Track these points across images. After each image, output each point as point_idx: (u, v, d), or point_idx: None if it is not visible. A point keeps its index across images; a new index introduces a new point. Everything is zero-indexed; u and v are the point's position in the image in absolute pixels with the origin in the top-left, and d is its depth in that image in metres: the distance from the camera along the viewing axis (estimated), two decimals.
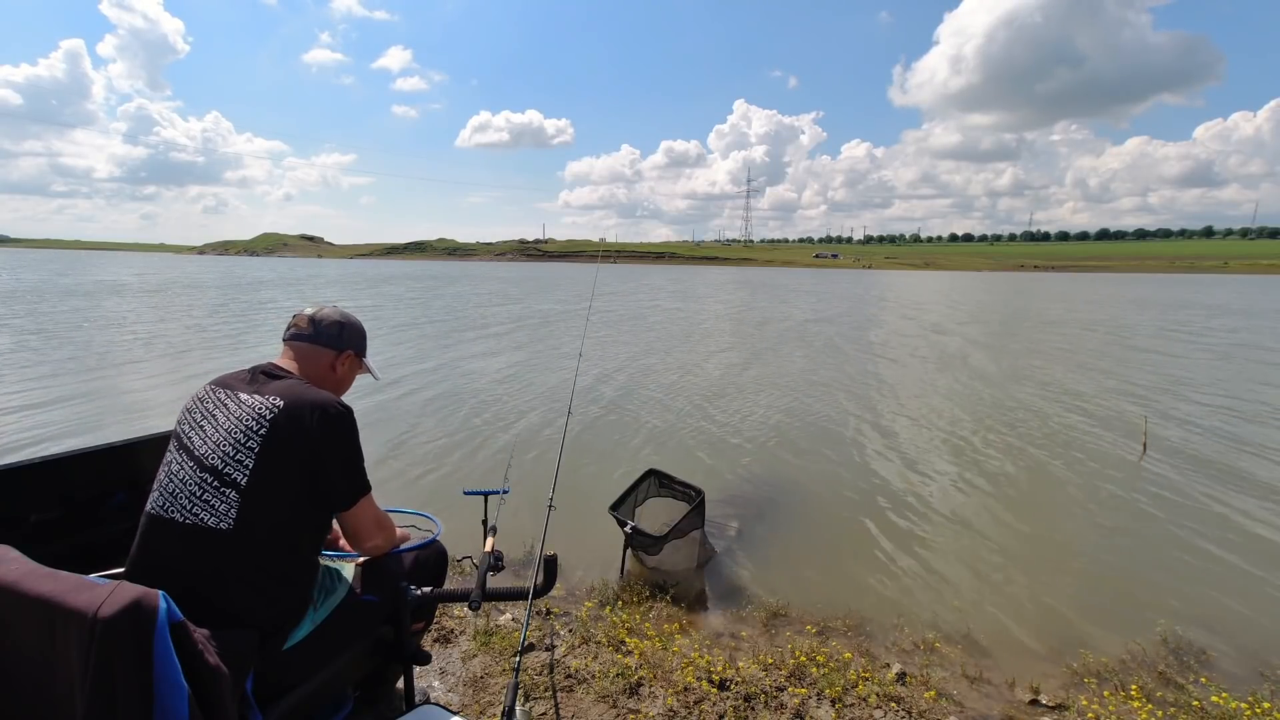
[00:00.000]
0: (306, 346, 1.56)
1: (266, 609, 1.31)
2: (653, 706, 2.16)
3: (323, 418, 1.35)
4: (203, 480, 1.29)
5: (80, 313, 15.92)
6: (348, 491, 1.42)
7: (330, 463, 1.36)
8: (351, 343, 1.63)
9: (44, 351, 9.87)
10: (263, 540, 1.29)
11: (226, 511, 1.27)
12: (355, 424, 1.42)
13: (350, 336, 1.63)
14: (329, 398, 1.40)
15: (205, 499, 1.28)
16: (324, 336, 1.58)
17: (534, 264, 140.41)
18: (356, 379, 1.72)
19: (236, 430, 1.32)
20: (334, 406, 1.38)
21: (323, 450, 1.34)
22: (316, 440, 1.33)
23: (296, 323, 1.59)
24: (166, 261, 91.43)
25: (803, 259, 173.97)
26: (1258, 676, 2.54)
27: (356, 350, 1.65)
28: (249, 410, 1.34)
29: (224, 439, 1.32)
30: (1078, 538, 3.90)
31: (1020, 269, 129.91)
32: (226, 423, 1.34)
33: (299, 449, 1.32)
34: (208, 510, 1.27)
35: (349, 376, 1.67)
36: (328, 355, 1.58)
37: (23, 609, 1.00)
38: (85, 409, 6.49)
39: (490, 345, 12.01)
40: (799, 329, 16.07)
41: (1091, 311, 23.06)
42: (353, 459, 1.41)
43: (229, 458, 1.30)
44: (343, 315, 1.64)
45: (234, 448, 1.30)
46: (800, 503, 4.43)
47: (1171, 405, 7.52)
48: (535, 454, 5.34)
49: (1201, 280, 70.79)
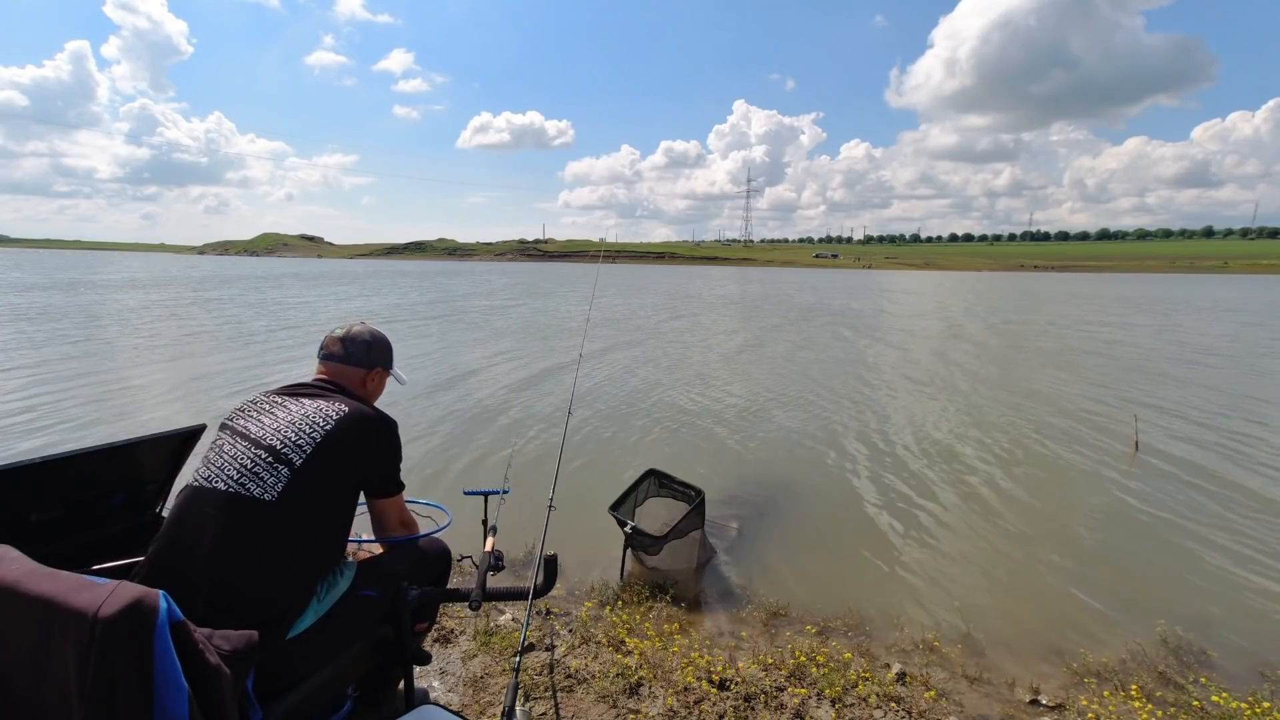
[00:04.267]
0: (339, 366, 1.73)
1: (275, 592, 1.35)
2: (653, 706, 2.16)
3: (379, 426, 1.59)
4: (257, 456, 1.41)
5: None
6: (383, 485, 1.63)
7: (378, 461, 1.58)
8: (380, 360, 1.81)
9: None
10: (298, 517, 1.39)
11: (274, 485, 1.38)
12: (397, 434, 1.65)
13: (378, 354, 1.80)
14: (380, 413, 1.63)
15: (256, 471, 1.39)
16: (354, 357, 1.74)
17: (534, 264, 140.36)
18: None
19: (303, 422, 1.48)
20: (388, 420, 1.63)
21: (374, 451, 1.56)
22: (371, 443, 1.55)
23: (328, 345, 1.75)
24: (172, 260, 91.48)
25: (802, 259, 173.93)
26: (1258, 676, 2.54)
27: (384, 366, 1.83)
28: (314, 409, 1.51)
29: (286, 426, 1.46)
30: (1076, 537, 3.90)
31: (1020, 269, 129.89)
32: (289, 416, 1.49)
33: (355, 447, 1.51)
34: (255, 482, 1.38)
35: (379, 388, 1.84)
36: (359, 373, 1.75)
37: (22, 609, 1.00)
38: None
39: (490, 345, 12.00)
40: (801, 329, 16.06)
41: (1092, 310, 23.07)
42: (394, 462, 1.64)
43: (289, 441, 1.44)
44: (371, 334, 1.80)
45: (296, 433, 1.45)
46: (800, 503, 4.43)
47: (1170, 404, 7.52)
48: (535, 454, 5.34)
49: (1202, 280, 70.75)
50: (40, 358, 9.28)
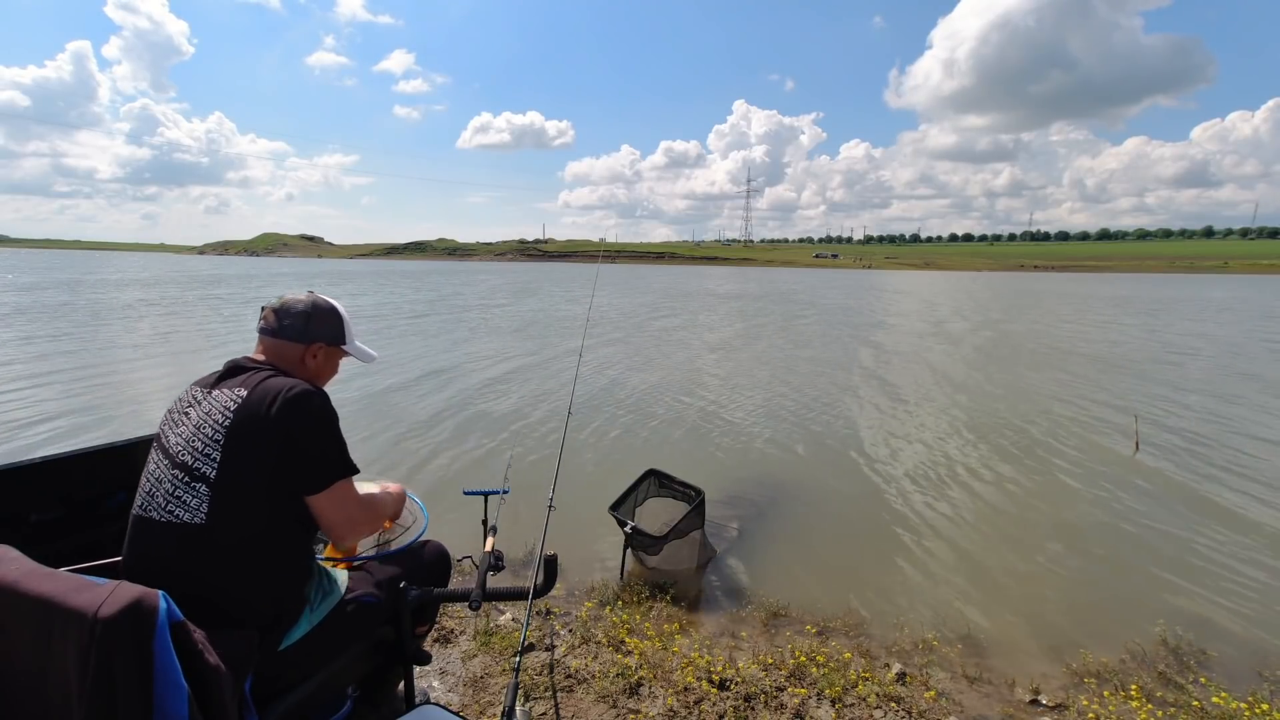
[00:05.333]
0: (273, 341, 1.49)
1: (257, 604, 1.31)
2: (653, 706, 2.16)
3: (284, 401, 1.30)
4: (175, 477, 1.29)
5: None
6: (316, 474, 1.34)
7: (296, 444, 1.31)
8: (320, 333, 1.53)
9: None
10: (240, 533, 1.27)
11: (199, 506, 1.26)
12: (325, 405, 1.36)
13: (318, 326, 1.53)
14: (294, 382, 1.36)
15: (178, 495, 1.27)
16: (289, 330, 1.49)
17: (534, 264, 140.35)
18: (344, 365, 1.66)
19: (205, 425, 1.31)
20: (297, 388, 1.33)
21: (286, 433, 1.29)
22: (278, 424, 1.28)
23: (263, 317, 1.52)
24: (171, 260, 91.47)
25: (803, 259, 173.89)
26: (1257, 676, 2.54)
27: (327, 340, 1.55)
28: (215, 404, 1.32)
29: (193, 434, 1.31)
30: (1076, 537, 3.89)
31: (1020, 269, 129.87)
32: (195, 419, 1.33)
33: (263, 436, 1.28)
34: (181, 506, 1.26)
35: (326, 368, 1.58)
36: (296, 350, 1.50)
37: (22, 609, 1.00)
38: None
39: (490, 344, 12.00)
40: (800, 329, 16.06)
41: (1087, 310, 23.08)
42: (321, 440, 1.35)
43: (198, 453, 1.28)
44: (310, 304, 1.53)
45: (202, 442, 1.29)
46: (800, 503, 4.43)
47: (1166, 401, 7.52)
48: (535, 454, 5.34)
49: (1202, 280, 70.75)
50: (39, 352, 9.28)
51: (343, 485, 1.38)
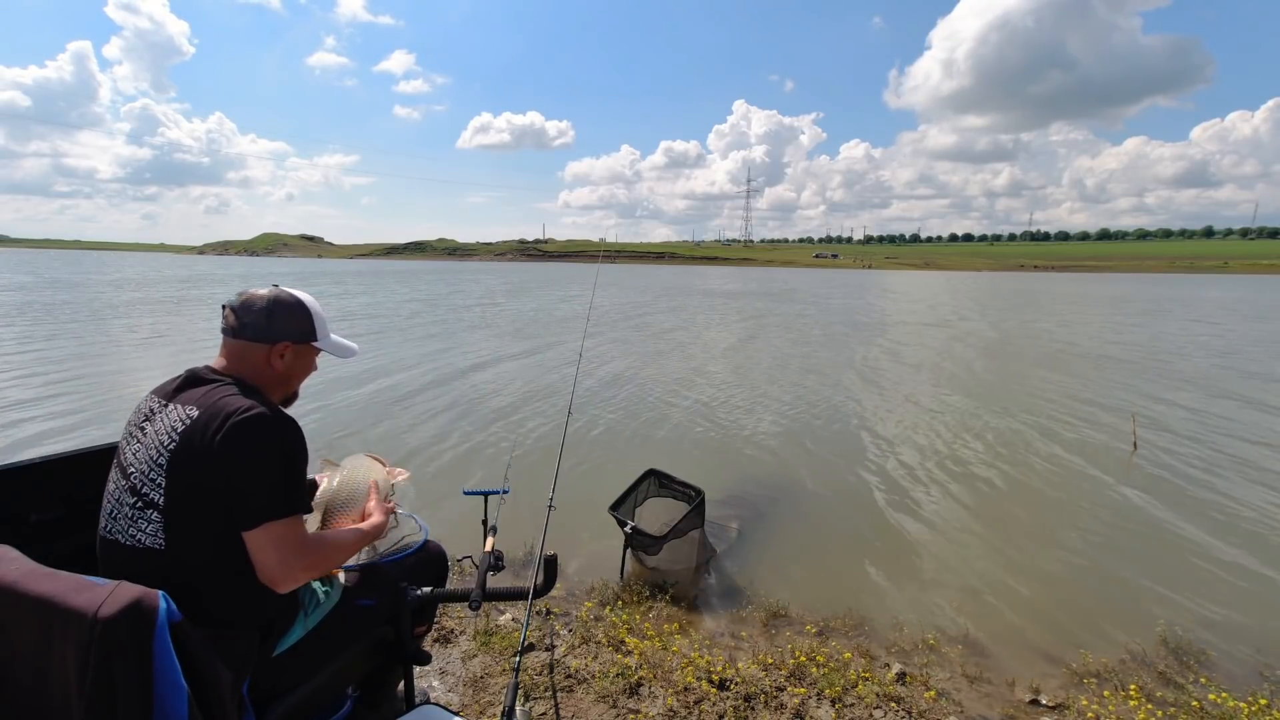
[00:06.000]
0: (235, 343, 1.36)
1: (242, 618, 1.27)
2: (653, 706, 2.16)
3: (231, 426, 1.18)
4: (131, 501, 1.23)
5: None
6: (246, 509, 1.19)
7: (232, 477, 1.18)
8: (285, 331, 1.38)
9: None
10: (205, 557, 1.21)
11: (155, 532, 1.19)
12: (276, 434, 1.23)
13: (282, 324, 1.38)
14: (242, 404, 1.22)
15: (135, 520, 1.21)
16: (251, 329, 1.35)
17: (533, 264, 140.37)
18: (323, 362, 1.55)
19: (153, 446, 1.22)
20: (249, 413, 1.20)
21: (228, 461, 1.18)
22: (220, 451, 1.18)
23: (225, 315, 1.38)
24: (171, 261, 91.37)
25: (803, 259, 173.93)
26: (1257, 676, 2.54)
27: (294, 337, 1.40)
28: (165, 424, 1.23)
29: (145, 455, 1.23)
30: (1076, 537, 3.89)
31: (1021, 269, 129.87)
32: (149, 436, 1.24)
33: (206, 464, 1.18)
34: (141, 531, 1.21)
35: (296, 368, 1.43)
36: (260, 351, 1.36)
37: (22, 609, 1.00)
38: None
39: (490, 344, 12.00)
40: (799, 328, 16.06)
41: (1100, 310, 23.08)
42: (259, 473, 1.20)
43: (146, 476, 1.21)
44: (272, 299, 1.38)
45: (149, 465, 1.22)
46: (800, 503, 4.43)
47: (1163, 400, 7.52)
48: (535, 454, 5.34)
49: (1202, 280, 70.74)
50: (39, 353, 9.28)
51: (277, 526, 1.20)
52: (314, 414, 6.32)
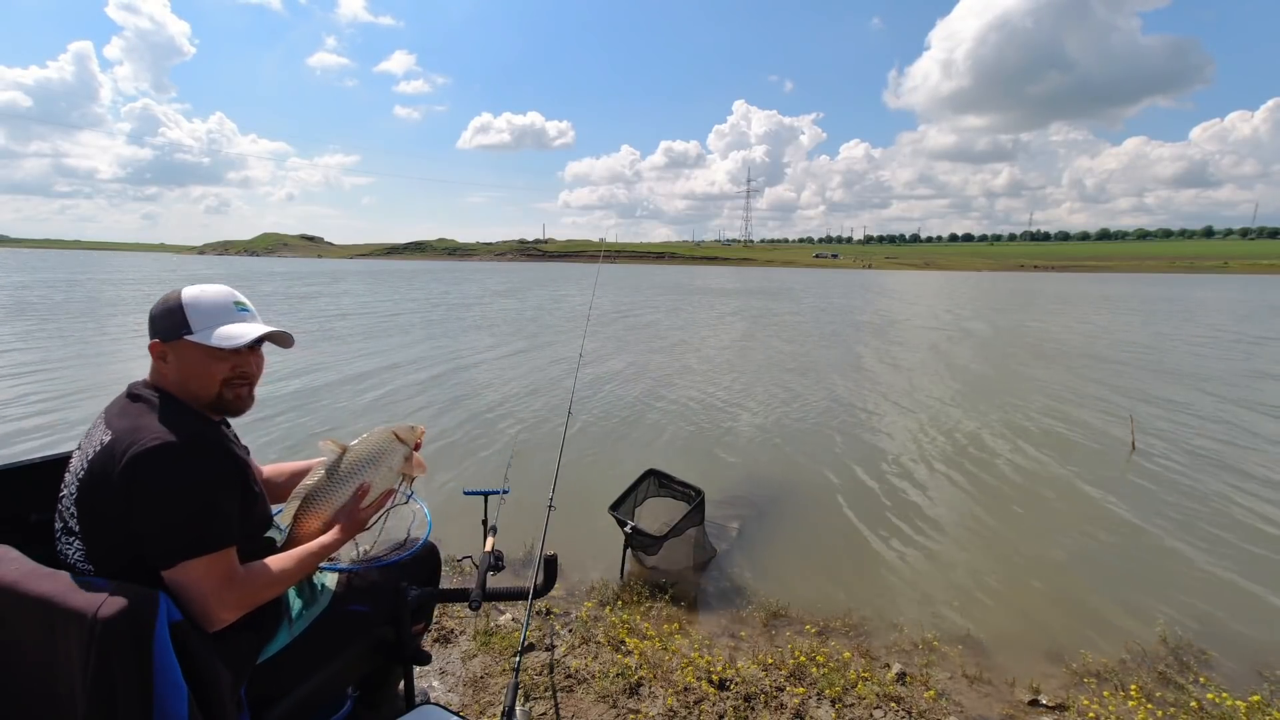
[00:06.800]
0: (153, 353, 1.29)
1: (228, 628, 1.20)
2: (653, 706, 2.16)
3: (128, 461, 1.10)
4: (59, 525, 1.20)
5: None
6: (162, 550, 1.11)
7: (135, 515, 1.10)
8: (158, 329, 1.27)
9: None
10: (136, 580, 1.10)
11: (81, 559, 1.15)
12: (172, 465, 1.11)
13: (159, 321, 1.27)
14: (146, 433, 1.12)
15: (63, 541, 1.19)
16: (150, 334, 1.28)
17: (533, 264, 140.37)
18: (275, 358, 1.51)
19: (75, 470, 1.19)
20: (141, 446, 1.10)
21: (125, 499, 1.10)
22: (118, 486, 1.10)
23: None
24: (170, 261, 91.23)
25: (803, 259, 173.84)
26: (1257, 676, 2.54)
27: (163, 335, 1.26)
28: (87, 447, 1.19)
29: (70, 479, 1.19)
30: (1075, 537, 3.89)
31: (1020, 269, 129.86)
32: (74, 461, 1.21)
33: (106, 496, 1.12)
34: (69, 552, 1.17)
35: (190, 368, 1.26)
36: (154, 353, 1.28)
37: (23, 609, 1.00)
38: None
39: (490, 343, 12.00)
40: (803, 326, 16.06)
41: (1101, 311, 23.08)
42: (162, 511, 1.10)
43: (64, 506, 1.18)
44: (161, 300, 1.29)
45: (68, 492, 1.18)
46: (800, 503, 4.43)
47: (1162, 399, 7.52)
48: (535, 454, 5.34)
49: (1202, 280, 70.74)
50: (40, 351, 9.28)
51: (196, 565, 1.11)
52: (312, 414, 6.33)
